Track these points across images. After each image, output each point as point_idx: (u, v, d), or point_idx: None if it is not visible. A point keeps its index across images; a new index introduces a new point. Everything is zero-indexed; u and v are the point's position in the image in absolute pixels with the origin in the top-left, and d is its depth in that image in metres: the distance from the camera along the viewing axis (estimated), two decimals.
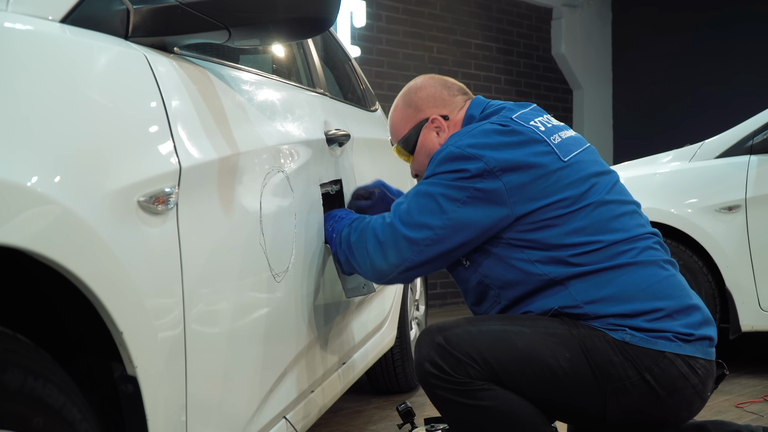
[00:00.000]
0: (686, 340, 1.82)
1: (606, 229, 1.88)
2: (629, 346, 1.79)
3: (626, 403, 1.82)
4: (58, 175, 1.08)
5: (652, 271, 1.87)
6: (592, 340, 1.81)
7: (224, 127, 1.60)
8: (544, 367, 1.82)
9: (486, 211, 1.88)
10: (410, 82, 2.24)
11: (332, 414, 3.28)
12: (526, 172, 1.88)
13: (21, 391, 0.98)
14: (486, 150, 1.89)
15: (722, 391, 3.58)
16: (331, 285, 2.22)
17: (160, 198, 1.29)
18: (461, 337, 1.84)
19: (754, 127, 3.93)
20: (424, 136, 2.15)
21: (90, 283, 1.09)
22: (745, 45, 8.15)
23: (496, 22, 8.32)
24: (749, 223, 3.79)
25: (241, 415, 1.65)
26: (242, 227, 1.63)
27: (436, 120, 2.13)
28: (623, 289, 1.84)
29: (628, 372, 1.79)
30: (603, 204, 1.91)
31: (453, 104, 2.16)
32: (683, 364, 1.80)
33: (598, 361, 1.80)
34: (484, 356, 1.82)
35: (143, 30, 1.46)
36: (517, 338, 1.83)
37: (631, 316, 1.82)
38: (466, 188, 1.88)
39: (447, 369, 1.82)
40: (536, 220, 1.88)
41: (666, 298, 1.85)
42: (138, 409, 1.22)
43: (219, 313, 1.52)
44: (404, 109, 2.19)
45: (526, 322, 1.87)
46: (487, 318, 1.93)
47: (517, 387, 1.83)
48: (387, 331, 3.16)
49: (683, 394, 1.82)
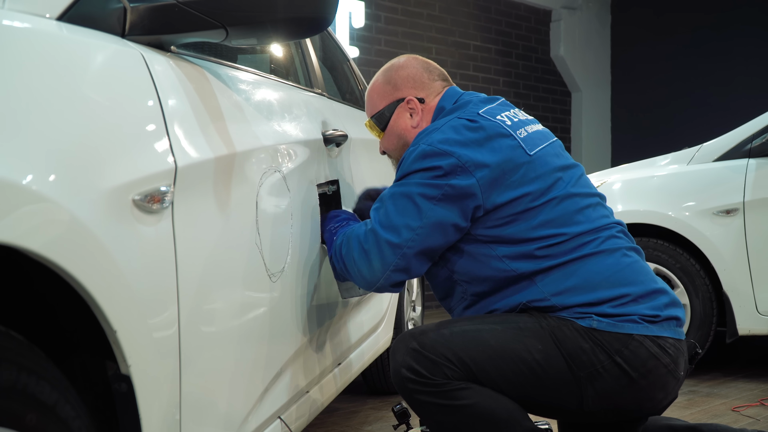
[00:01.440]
0: (652, 321, 1.86)
1: (570, 222, 1.92)
2: (597, 332, 1.83)
3: (601, 389, 1.84)
4: (53, 173, 1.07)
5: (614, 259, 1.91)
6: (562, 330, 1.84)
7: (221, 126, 1.60)
8: (518, 361, 1.84)
9: (461, 206, 1.90)
10: (393, 59, 2.25)
11: (327, 414, 3.27)
12: (494, 168, 1.90)
13: (14, 388, 0.98)
14: (456, 147, 1.91)
15: (719, 394, 3.59)
16: (327, 285, 2.21)
17: (155, 197, 1.28)
18: (435, 340, 1.86)
19: (753, 130, 3.93)
20: (398, 116, 2.16)
21: (84, 281, 1.09)
22: (743, 48, 8.16)
23: (495, 24, 8.32)
24: (747, 227, 3.79)
25: (235, 414, 1.64)
26: (238, 227, 1.63)
27: (411, 101, 2.15)
28: (587, 278, 1.87)
29: (599, 357, 1.82)
30: (568, 197, 1.94)
31: (431, 88, 2.17)
32: (652, 345, 1.83)
33: (570, 350, 1.83)
34: (459, 356, 1.83)
35: (140, 28, 1.45)
36: (490, 336, 1.86)
37: (597, 303, 1.85)
38: (440, 186, 1.90)
39: (423, 372, 1.84)
40: (504, 215, 1.91)
41: (630, 284, 1.88)
42: (131, 408, 1.22)
43: (214, 313, 1.52)
44: (383, 85, 2.20)
45: (496, 320, 1.90)
46: (459, 320, 1.95)
47: (495, 385, 1.84)
48: (383, 332, 3.15)
49: (656, 374, 1.84)
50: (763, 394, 3.56)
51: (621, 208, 4.09)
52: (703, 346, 3.92)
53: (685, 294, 3.90)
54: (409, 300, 3.76)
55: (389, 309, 3.25)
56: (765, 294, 3.78)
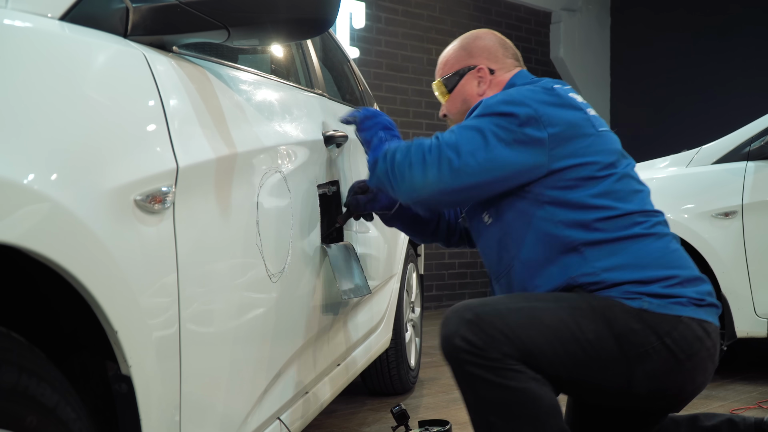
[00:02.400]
0: (698, 305, 1.89)
1: (626, 199, 1.97)
2: (647, 313, 1.85)
3: (650, 370, 1.85)
4: (54, 172, 1.07)
5: (664, 243, 1.95)
6: (613, 311, 1.85)
7: (222, 126, 1.60)
8: (572, 341, 1.84)
9: (527, 155, 1.94)
10: (472, 30, 2.35)
11: (326, 415, 3.27)
12: (566, 129, 1.97)
13: (15, 390, 0.98)
14: (534, 102, 1.98)
15: (716, 397, 3.59)
16: (327, 286, 2.21)
17: (156, 197, 1.28)
18: (492, 315, 1.85)
19: (752, 133, 3.93)
20: (466, 81, 2.25)
21: (85, 281, 1.09)
22: (743, 50, 8.16)
23: (495, 26, 8.32)
24: (745, 229, 3.79)
25: (235, 415, 1.64)
26: (239, 227, 1.62)
27: (482, 70, 2.23)
28: (638, 257, 1.91)
29: (649, 338, 1.84)
30: (627, 177, 2.01)
31: (503, 64, 2.25)
32: (698, 328, 1.87)
33: (621, 330, 1.84)
34: (516, 333, 1.83)
35: (142, 28, 1.45)
36: (545, 315, 1.86)
37: (647, 282, 1.88)
38: (513, 131, 1.95)
39: (480, 344, 1.82)
40: (567, 177, 1.95)
41: (678, 267, 1.92)
42: (132, 409, 1.22)
43: (214, 313, 1.52)
44: (458, 50, 2.29)
45: (549, 298, 1.91)
46: (513, 296, 1.95)
47: (548, 364, 1.84)
48: (382, 333, 3.15)
49: (699, 357, 1.87)
50: (761, 397, 3.56)
51: None
52: None
53: None
54: (408, 301, 3.76)
55: (388, 310, 3.25)
56: (763, 297, 3.78)
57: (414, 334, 3.87)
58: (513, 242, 1.99)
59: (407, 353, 3.66)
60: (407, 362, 3.64)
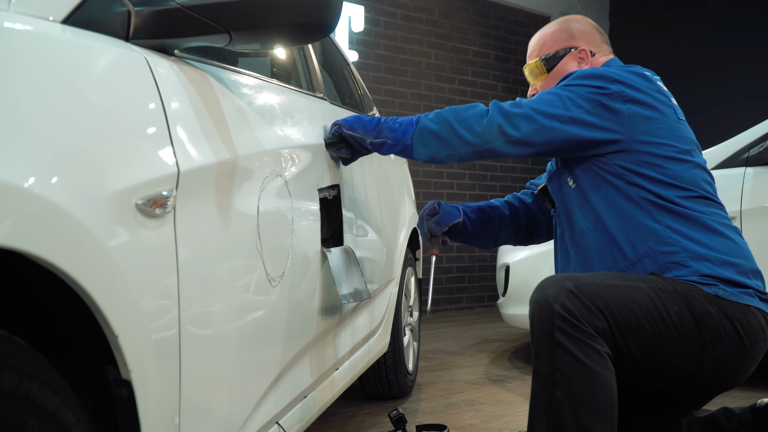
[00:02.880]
0: (762, 298, 2.00)
1: (701, 187, 2.07)
2: (721, 299, 1.93)
3: (720, 353, 1.93)
4: (55, 176, 1.07)
5: (734, 232, 2.07)
6: (693, 294, 1.93)
7: (223, 130, 1.60)
8: (658, 321, 1.91)
9: (604, 123, 2.05)
10: (566, 16, 2.44)
11: (324, 419, 3.27)
12: (649, 110, 2.07)
13: (16, 394, 0.98)
14: (624, 80, 2.08)
15: (714, 402, 3.58)
16: (326, 290, 2.21)
17: (157, 201, 1.28)
18: (591, 288, 1.90)
19: (750, 139, 3.94)
20: (567, 61, 2.34)
21: (86, 285, 1.09)
22: (742, 54, 8.18)
23: (494, 30, 8.33)
24: (744, 235, 3.79)
25: (234, 419, 1.64)
26: (239, 231, 1.62)
27: (584, 51, 2.33)
28: (711, 237, 2.00)
29: (723, 322, 1.92)
30: (701, 167, 2.10)
31: (601, 48, 2.36)
32: (762, 318, 1.96)
33: (700, 313, 1.91)
34: (611, 309, 1.88)
35: (144, 32, 1.45)
36: (636, 293, 1.92)
37: (720, 264, 1.97)
38: (595, 100, 2.06)
39: (577, 315, 1.85)
40: (648, 152, 2.04)
41: (744, 258, 2.03)
42: (132, 413, 1.22)
43: (214, 317, 1.52)
44: (558, 32, 2.37)
45: (638, 279, 1.97)
46: (605, 274, 2.00)
47: (634, 339, 1.90)
48: (380, 337, 3.15)
49: (760, 345, 1.97)
50: None
51: None
52: None
53: None
54: (406, 305, 3.76)
55: (387, 314, 3.25)
56: None
57: (412, 338, 3.87)
58: (593, 207, 2.09)
59: (405, 357, 3.66)
60: (405, 366, 3.64)
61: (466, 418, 3.30)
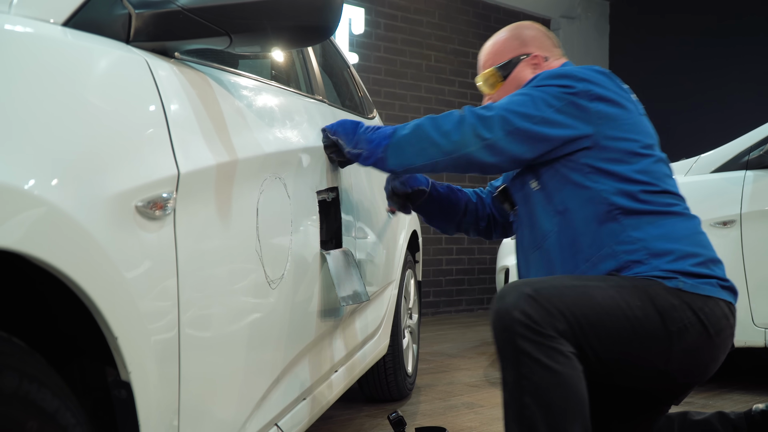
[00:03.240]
0: (723, 286, 2.00)
1: (663, 181, 2.08)
2: (682, 291, 1.94)
3: (687, 345, 1.93)
4: (55, 178, 1.07)
5: (694, 223, 2.07)
6: (654, 288, 1.93)
7: (223, 133, 1.60)
8: (622, 318, 1.90)
9: (574, 122, 2.04)
10: (514, 23, 2.43)
11: (323, 422, 3.27)
12: (615, 107, 2.07)
13: (16, 395, 0.98)
14: (588, 77, 2.08)
15: (714, 406, 3.59)
16: (325, 292, 2.21)
17: (157, 203, 1.28)
18: (550, 291, 1.89)
19: (751, 142, 3.94)
20: (521, 69, 2.32)
21: (86, 287, 1.09)
22: (742, 57, 8.18)
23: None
24: (744, 239, 3.80)
25: (233, 421, 1.64)
26: (239, 233, 1.63)
27: (537, 57, 2.32)
28: (672, 230, 2.01)
29: (686, 313, 1.92)
30: (662, 162, 2.12)
31: (553, 52, 2.36)
32: (724, 306, 1.97)
33: (663, 305, 1.92)
34: (572, 310, 1.87)
35: (145, 35, 1.46)
36: (596, 292, 1.92)
37: (680, 257, 1.97)
38: (564, 99, 2.05)
39: (537, 319, 1.84)
40: (614, 148, 2.05)
41: (705, 247, 2.04)
42: (131, 414, 1.22)
43: (214, 319, 1.52)
44: (510, 40, 2.36)
45: (598, 278, 1.98)
46: (563, 277, 2.00)
47: (598, 340, 1.88)
48: (380, 339, 3.15)
49: (725, 334, 1.97)
50: None
51: None
52: None
53: None
54: (406, 307, 3.76)
55: (386, 316, 3.25)
56: (761, 306, 3.78)
57: (411, 341, 3.87)
58: (557, 209, 2.08)
59: (404, 360, 3.66)
60: (404, 369, 3.64)
61: (465, 421, 3.31)
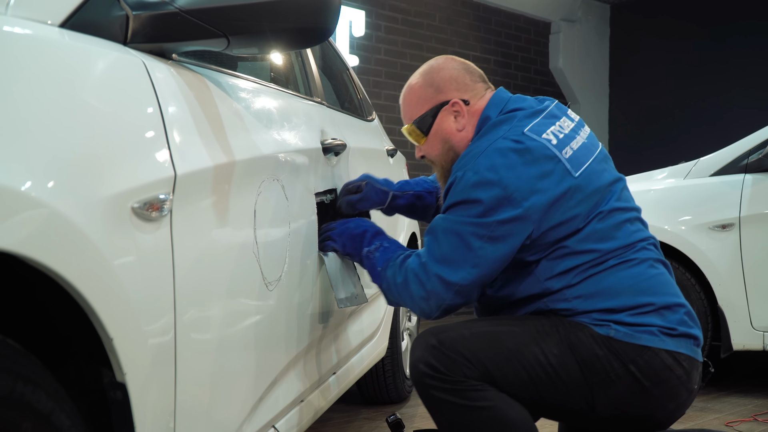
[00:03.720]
0: (669, 334, 1.87)
1: (608, 237, 1.92)
2: (614, 340, 1.84)
3: (613, 396, 1.86)
4: (52, 179, 1.07)
5: (641, 269, 1.92)
6: (577, 336, 1.86)
7: (220, 134, 1.60)
8: (534, 364, 1.86)
9: (513, 238, 1.88)
10: (430, 61, 2.19)
11: (321, 424, 3.27)
12: (542, 194, 1.88)
13: (10, 397, 0.98)
14: (503, 174, 1.87)
15: (712, 409, 3.59)
16: (323, 294, 2.21)
17: (154, 205, 1.28)
18: (455, 339, 1.88)
19: (750, 146, 3.94)
20: (442, 119, 2.09)
21: (81, 288, 1.09)
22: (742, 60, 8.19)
23: (494, 35, 8.35)
24: (743, 242, 3.80)
25: (230, 423, 1.64)
26: (236, 235, 1.63)
27: (457, 104, 2.07)
28: (612, 285, 1.89)
29: (612, 364, 1.84)
30: (610, 212, 1.94)
31: (474, 90, 2.11)
32: (668, 357, 1.85)
33: (584, 356, 1.85)
34: (478, 356, 1.85)
35: (142, 36, 1.46)
36: (508, 338, 1.88)
37: (617, 311, 1.87)
38: (489, 224, 1.87)
39: (441, 369, 1.85)
40: (552, 238, 1.90)
41: (653, 294, 1.90)
42: (126, 416, 1.22)
43: (210, 321, 1.52)
44: (423, 89, 2.12)
45: (514, 322, 1.92)
46: (479, 320, 1.97)
47: (510, 386, 1.86)
48: (378, 342, 3.15)
49: (668, 385, 1.86)
50: (757, 410, 3.56)
51: None
52: None
53: None
54: (405, 310, 3.76)
55: (385, 318, 3.25)
56: (760, 309, 3.78)
57: (410, 344, 3.86)
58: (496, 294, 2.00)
59: (403, 362, 3.65)
60: (403, 371, 3.64)
61: None
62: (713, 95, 8.30)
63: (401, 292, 2.00)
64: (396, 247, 2.11)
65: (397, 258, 2.04)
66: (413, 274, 1.96)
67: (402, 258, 2.02)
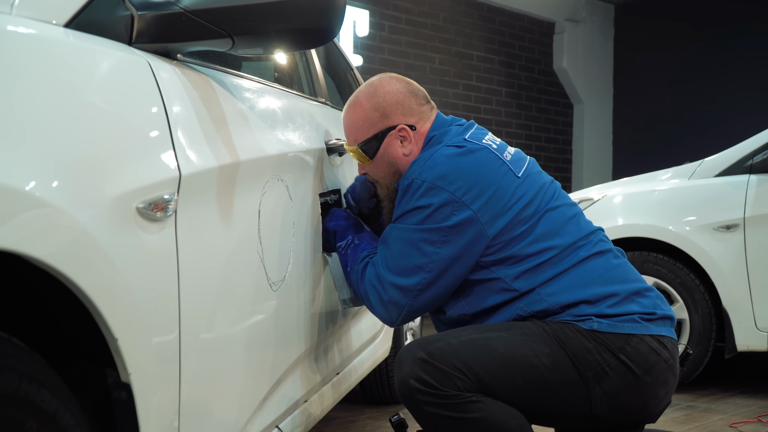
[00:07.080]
0: (650, 319, 1.90)
1: (562, 232, 1.95)
2: (599, 333, 1.86)
3: (609, 388, 1.86)
4: (56, 179, 1.07)
5: (606, 260, 1.96)
6: (565, 332, 1.86)
7: (225, 134, 1.60)
8: (528, 367, 1.85)
9: (466, 241, 1.91)
10: (374, 80, 2.13)
11: (325, 424, 3.27)
12: (488, 190, 1.91)
13: (15, 395, 0.98)
14: (449, 177, 1.90)
15: (716, 410, 3.58)
16: (327, 295, 2.21)
17: (159, 205, 1.28)
18: (444, 350, 1.85)
19: (754, 146, 3.93)
20: (388, 144, 2.07)
21: (86, 288, 1.09)
22: (746, 62, 8.18)
23: (498, 35, 8.34)
24: (747, 243, 3.79)
25: (234, 423, 1.64)
26: (240, 235, 1.63)
27: (404, 130, 2.05)
28: (582, 277, 1.91)
29: (603, 356, 1.85)
30: (555, 209, 1.98)
31: (420, 114, 2.09)
32: (652, 341, 1.88)
33: (575, 350, 1.85)
34: (470, 366, 1.83)
35: (147, 36, 1.46)
36: (498, 343, 1.86)
37: (594, 302, 1.88)
38: (440, 229, 1.90)
39: (434, 383, 1.81)
40: (504, 239, 1.92)
41: (623, 282, 1.93)
42: (131, 416, 1.22)
43: (214, 321, 1.52)
44: (369, 112, 2.08)
45: (501, 327, 1.91)
46: (464, 329, 1.94)
47: (506, 393, 1.84)
48: (382, 342, 3.15)
49: (658, 369, 1.88)
50: (761, 411, 3.55)
51: (621, 221, 4.09)
52: (702, 361, 3.91)
53: (684, 309, 3.90)
54: None
55: None
56: (764, 310, 3.78)
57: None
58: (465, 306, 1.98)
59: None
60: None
61: None
62: (718, 96, 8.28)
63: (364, 300, 2.06)
64: (366, 243, 2.11)
65: (361, 261, 2.06)
66: (371, 285, 2.00)
67: (364, 264, 2.05)
